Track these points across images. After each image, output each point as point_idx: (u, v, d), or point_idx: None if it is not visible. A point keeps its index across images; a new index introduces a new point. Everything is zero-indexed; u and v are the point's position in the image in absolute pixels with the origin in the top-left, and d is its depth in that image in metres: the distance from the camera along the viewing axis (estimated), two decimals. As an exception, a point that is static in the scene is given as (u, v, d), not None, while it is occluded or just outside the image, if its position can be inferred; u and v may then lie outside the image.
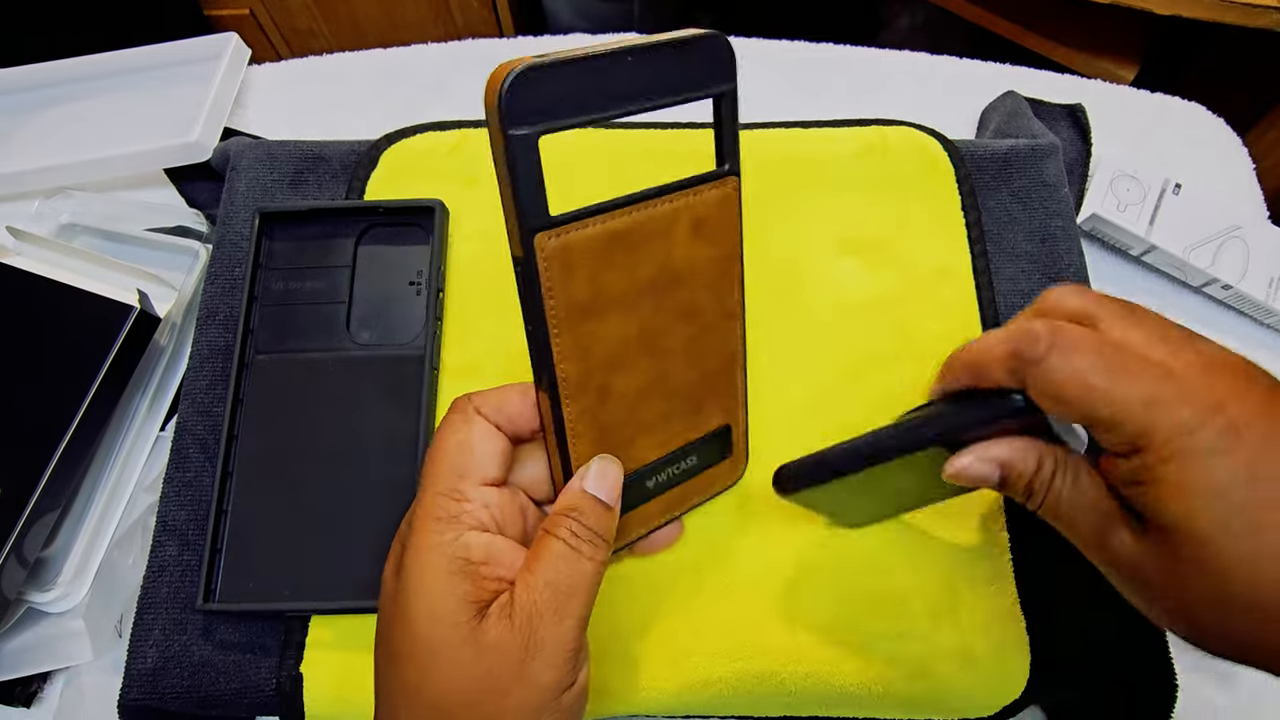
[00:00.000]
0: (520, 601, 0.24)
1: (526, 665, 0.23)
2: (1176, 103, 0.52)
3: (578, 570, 0.24)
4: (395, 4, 1.10)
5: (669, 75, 0.23)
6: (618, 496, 0.27)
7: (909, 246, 0.41)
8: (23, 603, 0.36)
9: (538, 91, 0.21)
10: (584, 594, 0.25)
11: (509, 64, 0.20)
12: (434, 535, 0.25)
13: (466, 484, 0.25)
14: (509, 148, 0.21)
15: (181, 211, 0.46)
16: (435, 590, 0.24)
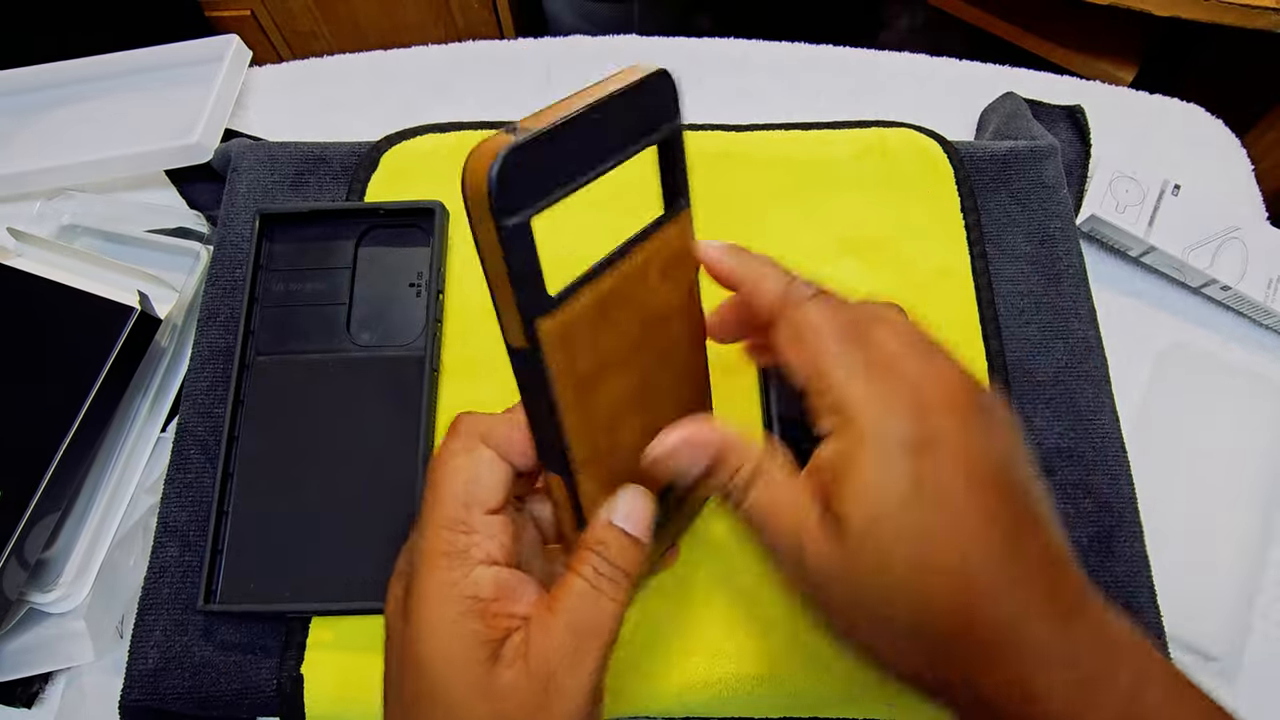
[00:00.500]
0: (536, 645, 0.22)
1: (543, 711, 0.22)
2: (1175, 104, 0.52)
3: (599, 611, 0.23)
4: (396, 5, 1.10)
5: (630, 123, 0.22)
6: (648, 529, 0.25)
7: (908, 247, 0.41)
8: (24, 603, 0.36)
9: (524, 173, 0.19)
10: (605, 636, 0.23)
11: (486, 146, 0.19)
12: (442, 573, 0.23)
13: (473, 515, 0.24)
14: (505, 239, 0.19)
15: (182, 213, 0.46)
16: (446, 633, 0.23)
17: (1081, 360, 0.39)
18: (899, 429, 0.22)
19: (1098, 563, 0.35)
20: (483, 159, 0.19)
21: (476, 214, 0.19)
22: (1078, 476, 0.37)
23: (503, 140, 0.19)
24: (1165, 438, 0.41)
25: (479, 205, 0.19)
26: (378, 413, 0.37)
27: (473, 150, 0.19)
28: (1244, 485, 0.40)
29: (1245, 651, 0.38)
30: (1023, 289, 0.40)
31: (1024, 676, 0.21)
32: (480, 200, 0.19)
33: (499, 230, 0.19)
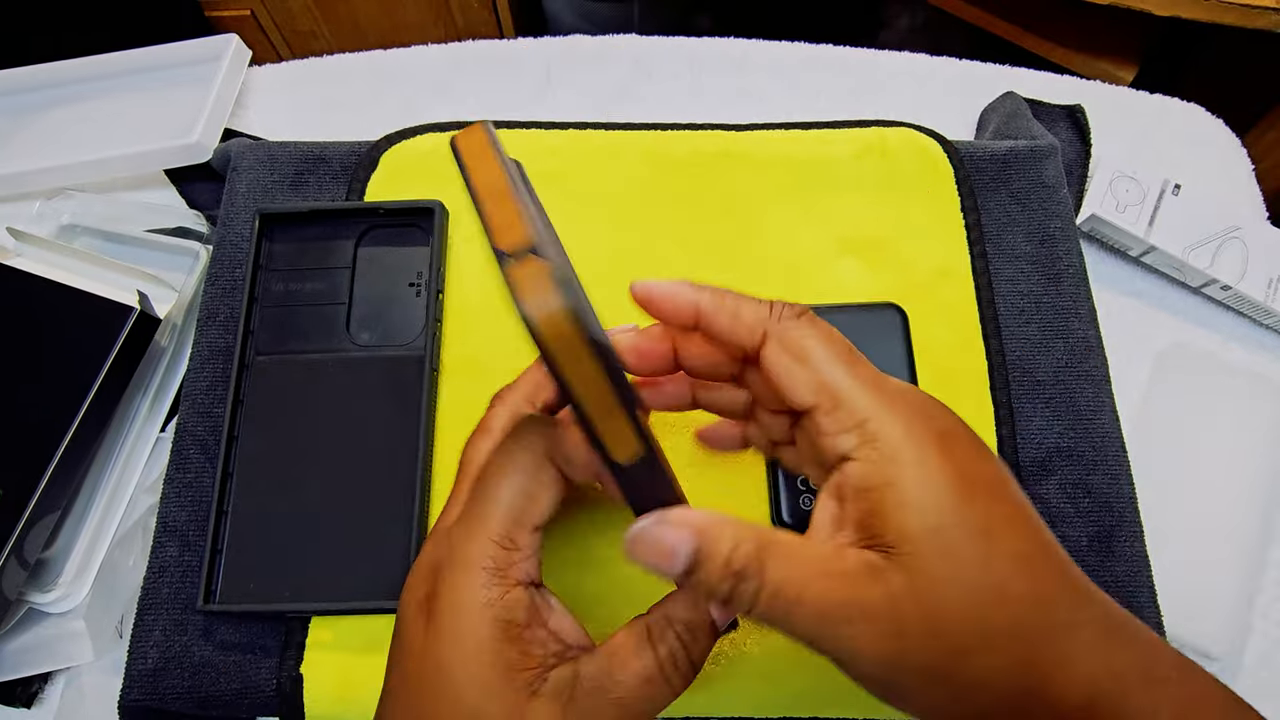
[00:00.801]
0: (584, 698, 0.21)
1: None
2: (1175, 103, 0.52)
3: (658, 697, 0.22)
4: (396, 5, 1.10)
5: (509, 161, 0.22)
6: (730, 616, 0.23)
7: (908, 247, 0.41)
8: (23, 603, 0.36)
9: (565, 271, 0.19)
10: (653, 714, 0.22)
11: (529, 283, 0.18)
12: (479, 590, 0.22)
13: (522, 533, 0.22)
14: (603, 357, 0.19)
15: (182, 212, 0.46)
16: (478, 652, 0.21)
17: (1081, 360, 0.39)
18: (925, 433, 0.21)
19: (1098, 562, 0.35)
20: (540, 294, 0.18)
21: (566, 349, 0.18)
22: (1078, 476, 0.37)
23: (537, 264, 0.18)
24: (1165, 438, 0.41)
25: (567, 339, 0.18)
26: (377, 413, 0.37)
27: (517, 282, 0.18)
28: (1244, 485, 0.40)
29: (1245, 651, 0.38)
30: (1023, 289, 0.40)
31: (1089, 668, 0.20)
32: (567, 333, 0.18)
33: (596, 353, 0.18)
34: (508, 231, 0.19)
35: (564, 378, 0.19)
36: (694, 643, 0.22)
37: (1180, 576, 0.37)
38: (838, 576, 0.20)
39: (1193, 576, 0.38)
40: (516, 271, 0.18)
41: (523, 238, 0.18)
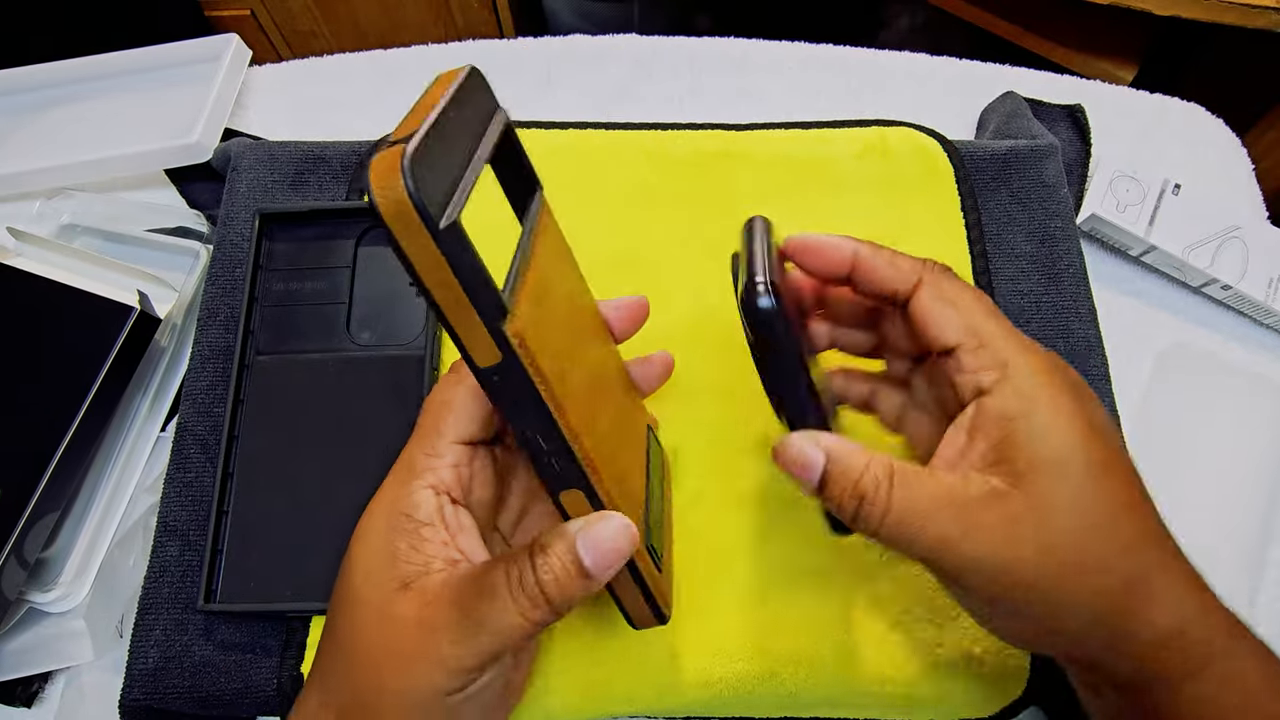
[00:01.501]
0: (437, 601, 0.22)
1: (416, 659, 0.22)
2: (1176, 103, 0.52)
3: (502, 619, 0.22)
4: (395, 5, 1.10)
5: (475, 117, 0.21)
6: (608, 569, 0.23)
7: (909, 247, 0.40)
8: (24, 603, 0.36)
9: (429, 174, 0.17)
10: (499, 639, 0.22)
11: (382, 161, 0.17)
12: (392, 487, 0.24)
13: (442, 441, 0.25)
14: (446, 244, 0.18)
15: (182, 212, 0.46)
16: (374, 545, 0.24)
17: (1082, 360, 0.39)
18: (1058, 381, 0.23)
19: (1098, 562, 0.35)
20: (388, 172, 0.17)
21: (403, 228, 0.17)
22: (1078, 476, 0.37)
23: (396, 150, 0.17)
24: (1165, 437, 0.41)
25: (404, 218, 0.17)
26: (378, 412, 0.37)
27: (371, 167, 0.17)
28: (1244, 485, 0.40)
29: (1245, 651, 0.38)
30: (1023, 288, 0.40)
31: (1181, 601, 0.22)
32: (404, 212, 0.17)
33: (437, 238, 0.17)
34: (403, 129, 0.18)
35: (409, 265, 0.18)
36: (546, 570, 0.22)
37: (1180, 576, 0.37)
38: (960, 504, 0.22)
39: (1193, 576, 0.38)
40: (376, 155, 0.17)
41: (407, 131, 0.18)
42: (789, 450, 0.24)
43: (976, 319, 0.24)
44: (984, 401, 0.23)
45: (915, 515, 0.22)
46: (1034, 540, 0.22)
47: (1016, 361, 0.23)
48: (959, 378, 0.24)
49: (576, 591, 0.23)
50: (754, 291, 0.24)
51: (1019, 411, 0.22)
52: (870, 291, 0.26)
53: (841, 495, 0.23)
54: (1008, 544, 0.22)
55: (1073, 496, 0.22)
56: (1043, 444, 0.22)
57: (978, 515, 0.22)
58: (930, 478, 0.23)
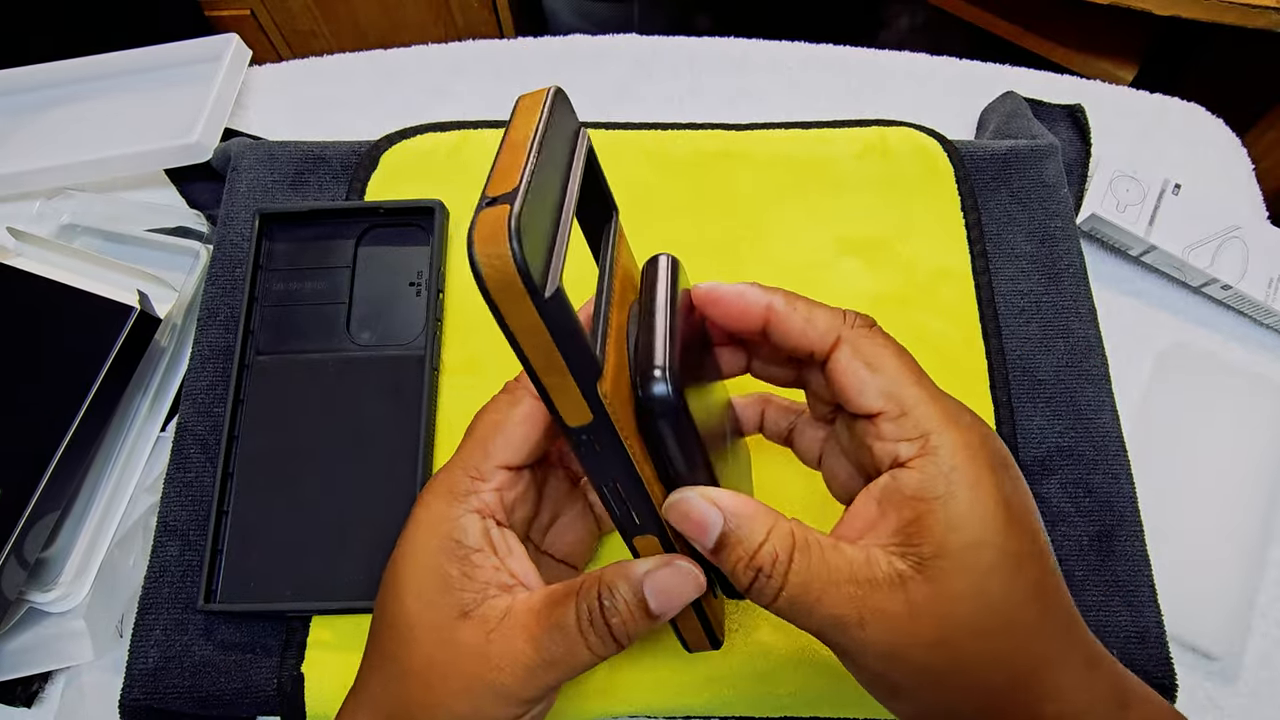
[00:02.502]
0: (504, 634, 0.23)
1: (478, 688, 0.23)
2: (1176, 103, 0.52)
3: (572, 653, 0.23)
4: (395, 5, 1.10)
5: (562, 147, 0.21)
6: (671, 611, 0.23)
7: (909, 247, 0.41)
8: (24, 603, 0.36)
9: (530, 236, 0.17)
10: (567, 672, 0.23)
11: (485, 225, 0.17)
12: (437, 508, 0.24)
13: (488, 464, 0.24)
14: (549, 313, 0.17)
15: (182, 212, 0.46)
16: (424, 567, 0.24)
17: (1082, 359, 0.39)
18: (980, 456, 0.22)
19: (1098, 561, 0.35)
20: (493, 240, 0.16)
21: (508, 298, 0.17)
22: (1078, 475, 0.37)
23: (500, 214, 0.17)
24: (1165, 437, 0.41)
25: (508, 288, 0.17)
26: (378, 412, 0.37)
27: (474, 234, 0.17)
28: (1244, 485, 0.40)
29: (1245, 652, 0.38)
30: (1023, 288, 0.40)
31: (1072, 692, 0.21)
32: (510, 282, 0.17)
33: (540, 307, 0.17)
34: (500, 180, 0.18)
35: (507, 329, 0.18)
36: (614, 612, 0.22)
37: (1180, 576, 0.37)
38: (863, 584, 0.21)
39: (1193, 576, 0.38)
40: (478, 217, 0.17)
41: (508, 186, 0.17)
42: (684, 506, 0.22)
43: (899, 384, 0.23)
44: (900, 475, 0.22)
45: (811, 592, 0.21)
46: (931, 633, 0.21)
47: (939, 435, 0.22)
48: (876, 445, 0.22)
49: (642, 630, 0.23)
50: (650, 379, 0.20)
51: (934, 493, 0.21)
52: (785, 348, 0.25)
53: (737, 564, 0.22)
54: (904, 634, 0.21)
55: (977, 590, 0.21)
56: (955, 532, 0.21)
57: (878, 600, 0.21)
58: (834, 553, 0.22)
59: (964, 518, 0.21)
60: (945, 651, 0.21)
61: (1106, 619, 0.34)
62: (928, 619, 0.21)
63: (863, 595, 0.21)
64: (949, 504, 0.21)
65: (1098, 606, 0.35)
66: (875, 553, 0.21)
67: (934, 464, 0.21)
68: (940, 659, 0.21)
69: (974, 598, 0.21)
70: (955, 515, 0.21)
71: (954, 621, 0.21)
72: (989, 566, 0.21)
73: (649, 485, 0.22)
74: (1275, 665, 0.37)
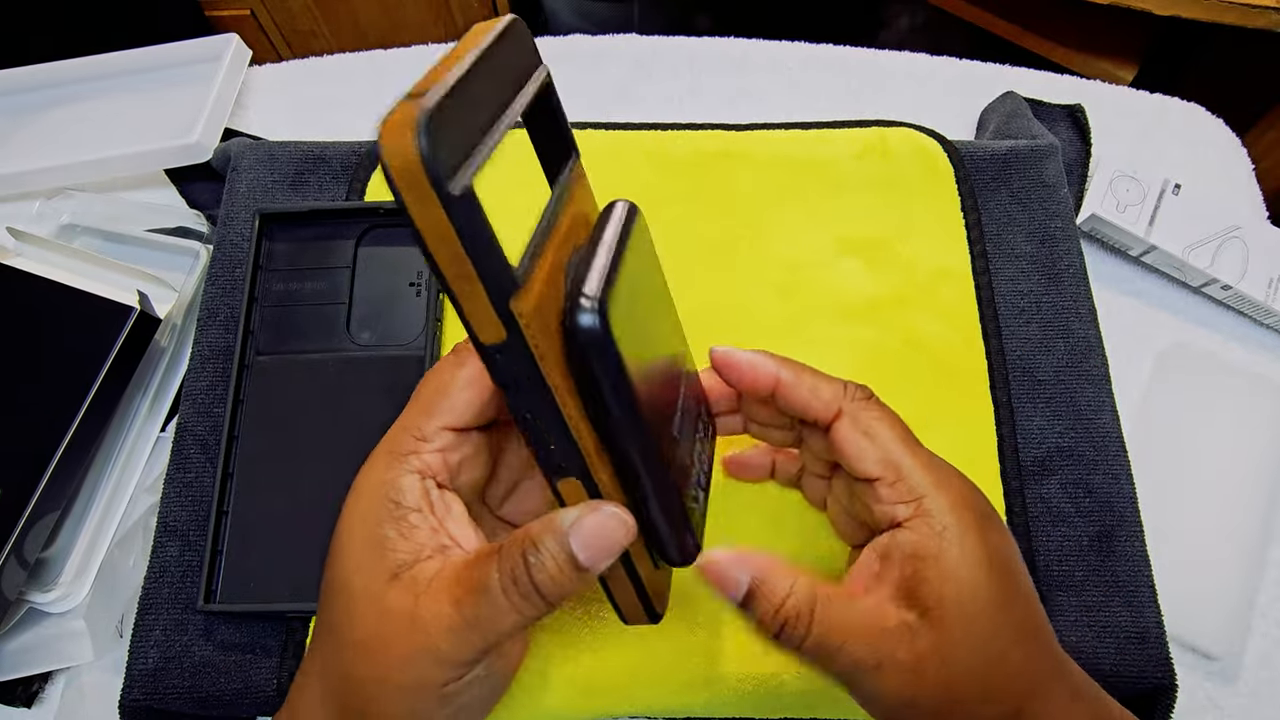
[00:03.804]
0: (431, 596, 0.22)
1: (412, 653, 0.22)
2: (1176, 103, 0.52)
3: (496, 615, 0.22)
4: (396, 5, 1.10)
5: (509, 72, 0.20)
6: (601, 561, 0.22)
7: (909, 247, 0.41)
8: (24, 603, 0.36)
9: (446, 136, 0.17)
10: (494, 634, 0.22)
11: (395, 118, 0.16)
12: (378, 471, 0.24)
13: (430, 425, 0.24)
14: (456, 211, 0.17)
15: (182, 212, 0.46)
16: (361, 533, 0.24)
17: (1082, 360, 0.39)
18: (967, 515, 0.24)
19: (1098, 562, 0.35)
20: (400, 130, 0.16)
21: (413, 192, 0.16)
22: (1078, 475, 0.37)
23: (412, 106, 0.16)
24: (1165, 437, 0.41)
25: (414, 181, 0.16)
26: (378, 412, 0.36)
27: (382, 124, 0.16)
28: (1244, 485, 0.40)
29: (1245, 651, 0.38)
30: (1023, 288, 0.40)
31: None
32: (414, 174, 0.16)
33: (446, 203, 0.16)
34: (426, 81, 0.17)
35: (414, 227, 0.17)
36: (540, 568, 0.22)
37: (1180, 576, 0.37)
38: (877, 633, 0.23)
39: (1193, 576, 0.38)
40: (392, 108, 0.16)
41: (429, 85, 0.17)
42: (716, 567, 0.24)
43: (894, 452, 0.25)
44: (898, 535, 0.24)
45: (834, 640, 0.23)
46: (936, 677, 0.23)
47: (930, 498, 0.24)
48: (876, 508, 0.25)
49: (570, 586, 0.22)
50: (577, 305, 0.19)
51: (929, 551, 0.24)
52: (790, 413, 0.27)
53: (765, 616, 0.24)
54: (914, 679, 0.23)
55: (973, 635, 0.23)
56: (949, 584, 0.23)
57: (891, 648, 0.23)
58: (850, 605, 0.24)
59: (956, 570, 0.23)
60: (949, 693, 0.23)
61: (1106, 619, 0.34)
62: (933, 666, 0.23)
63: (878, 643, 0.23)
64: (942, 560, 0.23)
65: (1098, 606, 0.35)
66: (886, 605, 0.24)
67: (927, 524, 0.24)
68: (945, 701, 0.23)
69: (970, 642, 0.23)
70: (948, 569, 0.23)
71: (955, 666, 0.23)
72: (981, 612, 0.23)
73: (573, 424, 0.21)
74: (1275, 665, 0.37)
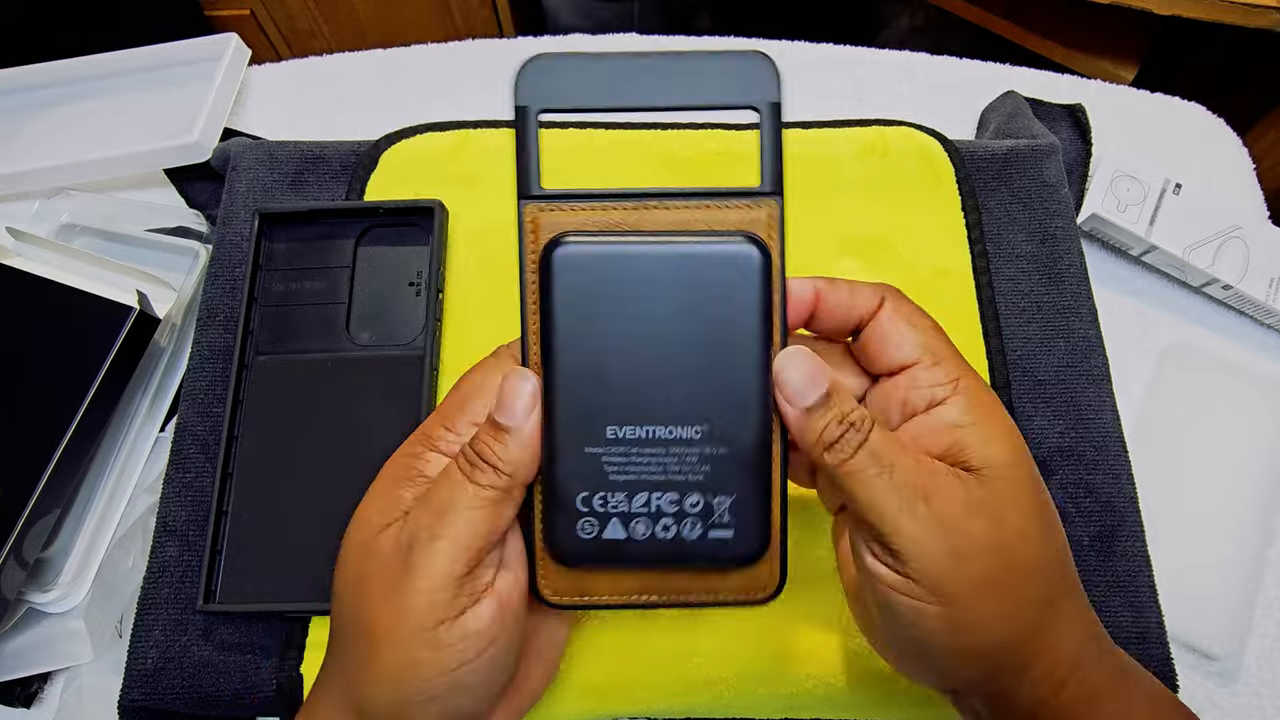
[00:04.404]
0: (408, 519, 0.23)
1: (400, 586, 0.22)
2: (1176, 103, 0.52)
3: (457, 493, 0.23)
4: (395, 4, 1.10)
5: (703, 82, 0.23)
6: (522, 412, 0.23)
7: (909, 247, 0.41)
8: (23, 603, 0.36)
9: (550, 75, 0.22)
10: (460, 517, 0.23)
11: None
12: (406, 454, 0.25)
13: (462, 420, 0.25)
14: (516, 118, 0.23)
15: (181, 212, 0.46)
16: (376, 495, 0.25)
17: (1082, 359, 0.39)
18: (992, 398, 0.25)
19: (1099, 562, 0.35)
20: None
21: None
22: (1079, 475, 0.37)
23: None
24: (1166, 437, 0.41)
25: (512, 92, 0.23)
26: (378, 412, 0.37)
27: None
28: (1244, 485, 0.40)
29: (1245, 652, 0.38)
30: (1023, 288, 0.40)
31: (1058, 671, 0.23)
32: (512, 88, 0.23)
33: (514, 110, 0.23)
34: None
35: None
36: (475, 440, 0.24)
37: (1181, 576, 0.37)
38: (928, 466, 0.23)
39: (1193, 576, 0.38)
40: None
41: None
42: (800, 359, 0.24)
43: (933, 339, 0.26)
44: (938, 411, 0.25)
45: (888, 455, 0.23)
46: (985, 535, 0.22)
47: (966, 378, 0.25)
48: (913, 393, 0.25)
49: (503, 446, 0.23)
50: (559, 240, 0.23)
51: (971, 419, 0.24)
52: (834, 323, 0.27)
53: (833, 420, 0.23)
54: (964, 534, 0.22)
55: (1019, 500, 0.23)
56: (993, 449, 0.24)
57: (940, 483, 0.23)
58: (904, 431, 0.25)
59: (997, 438, 0.24)
60: (1000, 557, 0.23)
61: (1107, 619, 0.34)
62: (983, 521, 0.23)
63: (929, 473, 0.23)
64: (987, 425, 0.24)
65: (1098, 606, 0.34)
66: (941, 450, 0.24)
67: (966, 398, 0.24)
68: (995, 564, 0.22)
69: (1017, 507, 0.23)
70: (990, 436, 0.24)
71: (1005, 526, 0.23)
72: (1024, 481, 0.24)
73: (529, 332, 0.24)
74: (1275, 665, 0.37)
